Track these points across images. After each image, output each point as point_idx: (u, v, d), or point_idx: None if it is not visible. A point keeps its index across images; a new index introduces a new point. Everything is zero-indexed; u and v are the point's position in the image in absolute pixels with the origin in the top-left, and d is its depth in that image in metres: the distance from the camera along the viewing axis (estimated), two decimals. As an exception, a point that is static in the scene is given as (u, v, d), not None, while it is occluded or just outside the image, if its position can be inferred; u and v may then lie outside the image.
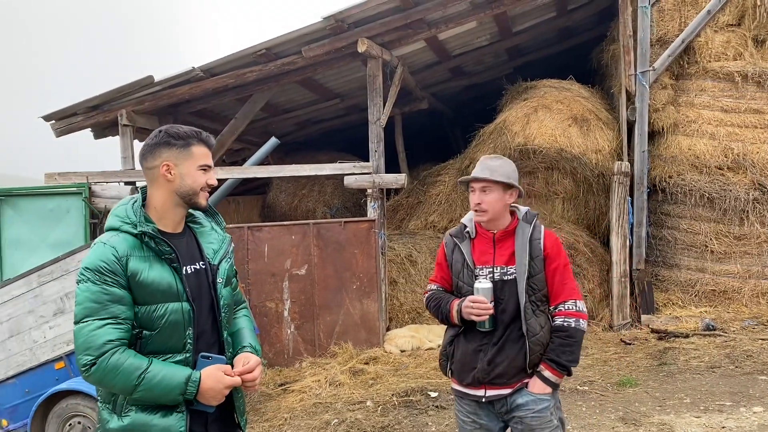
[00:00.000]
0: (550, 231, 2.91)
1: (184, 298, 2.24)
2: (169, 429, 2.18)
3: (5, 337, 5.48)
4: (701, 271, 8.34)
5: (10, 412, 5.53)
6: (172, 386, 2.13)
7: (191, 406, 2.22)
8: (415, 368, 6.97)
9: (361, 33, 7.78)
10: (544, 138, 8.58)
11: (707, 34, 8.42)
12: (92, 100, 8.24)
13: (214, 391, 2.19)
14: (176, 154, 2.27)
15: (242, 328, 2.53)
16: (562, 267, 2.84)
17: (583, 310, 2.83)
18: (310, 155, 12.10)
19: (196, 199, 2.32)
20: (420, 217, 9.81)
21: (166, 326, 2.20)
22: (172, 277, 2.23)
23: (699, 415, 5.10)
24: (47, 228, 8.10)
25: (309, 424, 5.58)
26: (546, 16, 9.95)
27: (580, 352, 2.85)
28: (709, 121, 8.37)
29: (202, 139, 2.33)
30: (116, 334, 2.12)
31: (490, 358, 2.80)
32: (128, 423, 2.18)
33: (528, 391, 2.78)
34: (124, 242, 2.20)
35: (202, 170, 2.32)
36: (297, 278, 7.82)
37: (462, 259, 2.90)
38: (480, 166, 2.89)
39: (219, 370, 2.22)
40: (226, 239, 2.49)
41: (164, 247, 2.23)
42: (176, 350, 2.23)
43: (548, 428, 2.78)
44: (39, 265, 5.48)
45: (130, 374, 2.10)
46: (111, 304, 2.13)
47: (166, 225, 2.32)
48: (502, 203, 2.85)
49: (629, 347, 7.19)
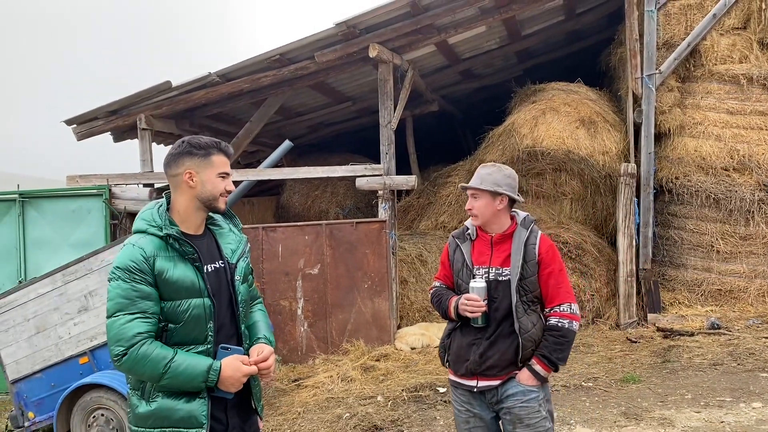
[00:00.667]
0: (546, 236, 3.08)
1: (205, 294, 2.43)
2: (192, 413, 2.38)
3: (32, 333, 5.72)
4: (707, 271, 8.46)
5: (36, 405, 5.77)
6: (195, 374, 2.34)
7: (212, 393, 2.43)
8: (424, 365, 7.16)
9: (372, 38, 7.99)
10: (552, 140, 8.74)
11: (713, 38, 8.54)
12: (112, 105, 8.51)
13: (233, 378, 2.39)
14: (198, 163, 2.48)
15: (257, 321, 2.73)
16: (557, 271, 3.00)
17: (576, 312, 3.01)
18: (322, 157, 12.33)
19: (216, 204, 2.53)
20: (430, 218, 10.00)
21: (190, 320, 2.40)
22: (195, 275, 2.43)
23: (699, 410, 5.25)
24: (69, 228, 8.37)
25: (321, 417, 5.79)
26: (554, 20, 10.09)
27: (569, 352, 3.01)
28: (715, 123, 8.49)
29: (221, 149, 2.53)
30: (145, 327, 2.32)
31: (482, 352, 2.99)
32: (155, 408, 2.39)
33: (517, 382, 2.96)
34: (150, 244, 2.40)
35: (221, 177, 2.52)
36: (310, 277, 8.04)
37: (462, 259, 3.10)
38: (474, 175, 3.11)
39: (237, 360, 2.42)
40: (243, 240, 2.70)
41: (187, 248, 2.43)
42: (198, 342, 2.43)
43: (536, 418, 2.94)
44: (63, 265, 5.71)
45: (158, 363, 2.30)
46: (140, 300, 2.33)
47: (189, 227, 2.52)
48: (492, 209, 3.03)
49: (635, 345, 7.34)
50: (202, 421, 2.39)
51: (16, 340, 5.78)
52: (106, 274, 5.41)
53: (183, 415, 2.38)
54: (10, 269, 8.34)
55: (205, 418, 2.39)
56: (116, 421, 5.36)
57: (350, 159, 11.28)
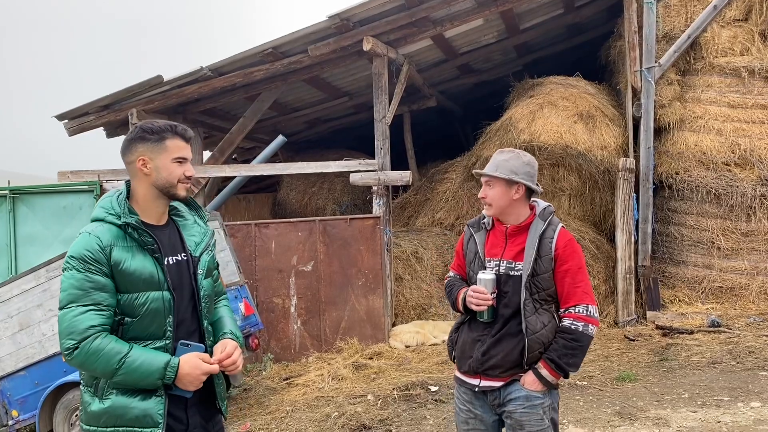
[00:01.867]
0: (565, 231, 2.82)
1: (165, 287, 2.32)
2: (147, 412, 2.26)
3: (15, 330, 5.63)
4: (708, 268, 8.31)
5: (20, 403, 5.68)
6: (151, 371, 2.22)
7: (170, 391, 2.30)
8: (418, 363, 7.05)
9: (366, 31, 7.86)
10: (550, 135, 8.60)
11: (714, 30, 8.39)
12: (103, 100, 8.40)
13: (192, 377, 2.27)
14: (151, 149, 2.35)
15: (222, 317, 2.61)
16: (575, 269, 2.75)
17: (594, 315, 2.75)
18: (319, 153, 12.23)
19: (174, 191, 2.40)
20: (427, 214, 9.87)
21: (147, 313, 2.29)
22: (154, 266, 2.32)
23: (696, 409, 5.11)
24: (60, 225, 8.28)
25: (310, 416, 5.68)
26: (553, 13, 9.95)
27: (583, 358, 2.76)
28: (716, 117, 8.33)
29: (177, 132, 2.39)
30: (99, 319, 2.21)
31: (485, 350, 2.79)
32: (108, 406, 2.27)
33: (521, 386, 2.74)
34: (108, 232, 2.28)
35: (177, 162, 2.38)
36: (303, 274, 7.93)
37: (475, 249, 2.90)
38: (490, 161, 2.88)
39: (197, 358, 2.30)
40: (208, 233, 2.58)
41: (147, 238, 2.31)
42: (156, 337, 2.32)
43: (538, 427, 2.72)
44: (47, 260, 5.62)
45: (111, 358, 2.18)
46: (94, 291, 2.22)
47: (150, 217, 2.40)
48: (507, 198, 2.80)
49: (632, 343, 7.20)
50: (158, 420, 2.27)
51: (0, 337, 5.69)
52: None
53: (138, 413, 2.26)
54: (2, 266, 8.25)
55: (161, 417, 2.27)
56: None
57: (347, 155, 11.17)
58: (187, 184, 2.43)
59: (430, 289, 8.59)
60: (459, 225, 9.40)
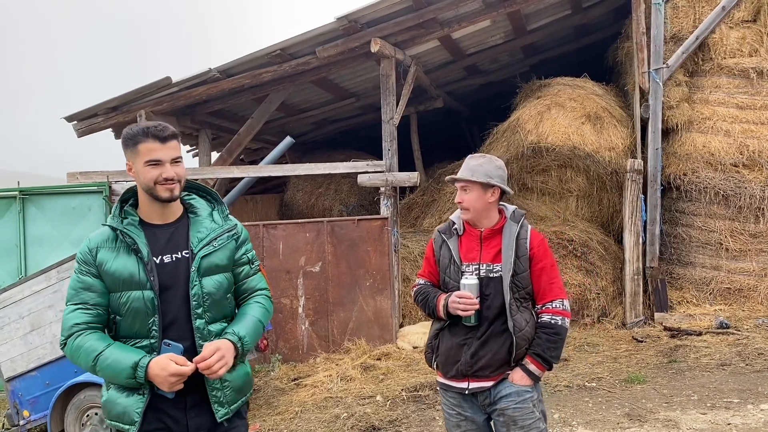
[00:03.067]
0: (536, 231, 2.97)
1: (147, 287, 2.34)
2: (126, 409, 2.33)
3: (27, 331, 5.67)
4: (716, 269, 8.28)
5: (31, 403, 5.72)
6: (119, 369, 2.28)
7: (156, 390, 2.33)
8: (426, 364, 7.04)
9: (374, 33, 7.88)
10: (557, 136, 8.60)
11: (722, 31, 8.36)
12: (112, 101, 8.45)
13: (160, 378, 2.26)
14: (130, 154, 2.41)
15: (241, 315, 2.55)
16: (549, 267, 2.90)
17: (568, 309, 2.91)
18: (326, 154, 12.25)
19: (154, 193, 2.40)
20: (434, 215, 9.88)
21: (129, 312, 2.35)
22: (136, 266, 2.35)
23: (705, 411, 5.11)
24: (69, 225, 8.32)
25: (319, 417, 5.70)
26: (560, 14, 9.94)
27: (562, 350, 2.92)
28: (724, 118, 8.31)
29: (149, 134, 2.36)
30: (83, 318, 2.33)
31: (473, 352, 2.86)
32: (106, 399, 2.40)
33: (510, 383, 2.84)
34: (100, 235, 2.41)
35: (150, 165, 2.36)
36: (311, 275, 7.95)
37: (449, 255, 2.95)
38: (463, 166, 2.96)
39: (167, 358, 2.28)
40: (221, 227, 2.52)
41: (128, 239, 2.38)
42: (141, 335, 2.36)
43: (530, 419, 2.84)
44: (58, 262, 5.66)
45: (88, 355, 2.30)
46: (82, 291, 2.36)
47: (151, 217, 2.47)
48: (483, 202, 2.90)
49: (641, 345, 7.19)
50: (134, 418, 2.32)
51: (11, 337, 5.73)
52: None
53: (120, 410, 2.35)
54: (11, 266, 8.31)
55: (137, 416, 2.32)
56: (110, 420, 5.29)
57: (354, 156, 11.19)
58: (169, 185, 2.39)
59: (437, 290, 8.59)
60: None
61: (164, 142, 2.38)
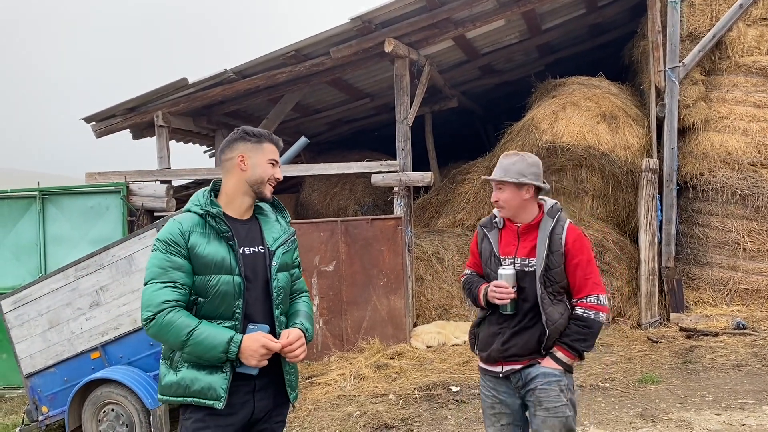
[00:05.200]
0: (574, 226, 3.00)
1: (236, 272, 2.51)
2: (212, 385, 2.46)
3: (45, 328, 5.77)
4: (733, 269, 8.21)
5: (50, 399, 5.82)
6: (215, 344, 2.40)
7: (237, 369, 2.47)
8: (439, 363, 7.07)
9: (387, 33, 7.89)
10: (572, 135, 8.57)
11: (739, 29, 8.28)
12: (129, 102, 8.56)
13: (251, 349, 2.41)
14: (250, 148, 2.64)
15: (299, 310, 2.76)
16: (585, 262, 2.94)
17: (604, 303, 2.95)
18: (341, 154, 12.28)
19: (262, 188, 2.65)
20: (448, 215, 9.87)
21: (217, 295, 2.49)
22: (227, 252, 2.52)
23: (719, 412, 5.07)
24: (88, 225, 8.44)
25: (332, 415, 5.73)
26: (576, 13, 9.89)
27: (595, 341, 2.97)
28: (742, 117, 8.24)
29: (272, 139, 2.70)
30: (174, 295, 2.44)
31: (505, 340, 2.97)
32: (180, 377, 2.49)
33: (540, 365, 2.93)
34: (189, 220, 2.55)
35: (270, 164, 2.66)
36: (325, 274, 7.99)
37: (490, 248, 3.07)
38: (497, 165, 3.06)
39: (259, 334, 2.47)
40: (288, 231, 2.77)
41: (222, 227, 2.54)
42: (226, 317, 2.51)
43: (556, 403, 2.89)
44: (76, 260, 5.74)
45: (181, 330, 2.40)
46: (172, 270, 2.47)
47: (234, 211, 2.64)
48: (518, 199, 2.98)
49: (655, 345, 7.14)
50: (221, 393, 2.45)
51: (30, 334, 5.84)
52: (117, 269, 5.47)
53: (203, 385, 2.46)
54: (31, 265, 8.46)
55: (223, 392, 2.45)
56: (126, 416, 5.37)
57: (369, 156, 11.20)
58: (273, 186, 2.70)
59: (451, 289, 8.60)
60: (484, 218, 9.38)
61: (278, 149, 2.72)
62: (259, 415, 2.59)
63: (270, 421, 2.65)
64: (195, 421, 2.50)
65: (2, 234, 8.50)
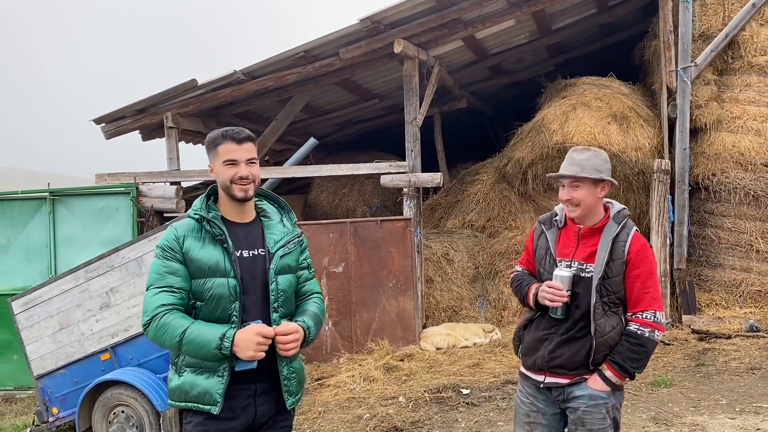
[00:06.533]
0: (639, 235, 2.82)
1: (231, 275, 2.51)
2: (208, 390, 2.47)
3: (56, 330, 5.77)
4: (746, 271, 8.13)
5: (60, 400, 5.82)
6: (208, 339, 2.39)
7: (236, 369, 2.45)
8: (449, 365, 7.03)
9: (397, 34, 7.87)
10: (583, 136, 8.50)
11: (752, 28, 8.21)
12: (139, 104, 8.57)
13: (245, 339, 2.38)
14: (211, 156, 2.63)
15: (306, 309, 2.71)
16: (646, 274, 2.75)
17: (661, 321, 2.75)
18: (350, 155, 12.26)
19: (231, 192, 2.59)
20: (458, 216, 9.83)
21: (212, 298, 2.50)
22: (222, 256, 2.52)
23: (734, 416, 5.01)
24: (98, 226, 8.47)
25: (342, 417, 5.71)
26: (586, 13, 9.84)
27: (647, 361, 2.78)
28: (755, 117, 8.16)
29: (227, 136, 2.58)
30: (169, 299, 2.46)
31: (551, 349, 2.82)
32: (181, 382, 2.53)
33: (586, 385, 2.78)
34: (186, 225, 2.58)
35: (227, 165, 2.56)
36: (334, 276, 7.97)
37: (546, 247, 2.92)
38: (567, 161, 2.84)
39: (252, 325, 2.45)
40: (292, 233, 2.72)
41: (216, 230, 2.55)
42: (223, 321, 2.50)
43: (599, 427, 2.76)
44: (86, 261, 5.75)
45: (174, 331, 2.41)
46: (168, 276, 2.49)
47: (230, 215, 2.64)
48: (594, 197, 2.79)
49: (668, 348, 7.08)
50: (216, 399, 2.46)
51: (41, 336, 5.84)
52: (127, 270, 5.47)
53: (200, 391, 2.48)
54: (42, 266, 8.49)
55: (220, 396, 2.45)
56: (136, 418, 5.36)
57: (378, 157, 11.18)
58: (243, 184, 2.57)
59: (460, 291, 8.57)
60: (490, 227, 9.34)
61: (240, 143, 2.58)
62: (262, 420, 2.57)
63: (275, 427, 2.62)
64: (196, 425, 2.51)
65: (13, 235, 8.53)
